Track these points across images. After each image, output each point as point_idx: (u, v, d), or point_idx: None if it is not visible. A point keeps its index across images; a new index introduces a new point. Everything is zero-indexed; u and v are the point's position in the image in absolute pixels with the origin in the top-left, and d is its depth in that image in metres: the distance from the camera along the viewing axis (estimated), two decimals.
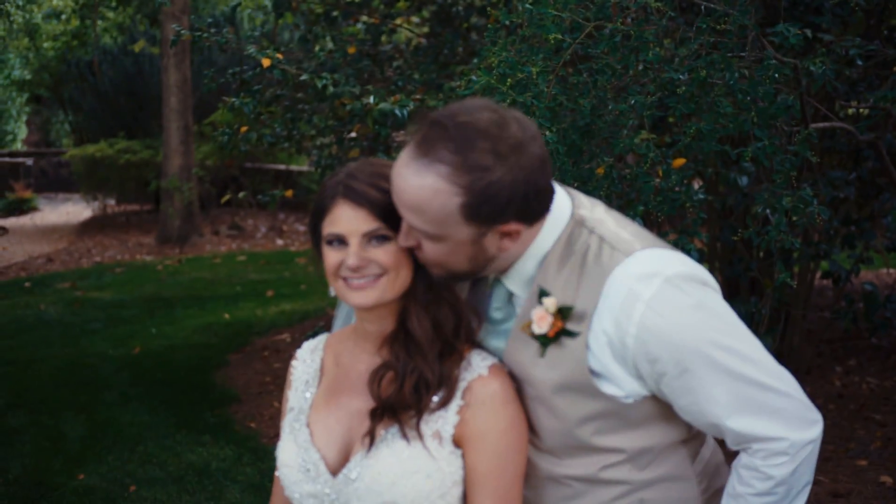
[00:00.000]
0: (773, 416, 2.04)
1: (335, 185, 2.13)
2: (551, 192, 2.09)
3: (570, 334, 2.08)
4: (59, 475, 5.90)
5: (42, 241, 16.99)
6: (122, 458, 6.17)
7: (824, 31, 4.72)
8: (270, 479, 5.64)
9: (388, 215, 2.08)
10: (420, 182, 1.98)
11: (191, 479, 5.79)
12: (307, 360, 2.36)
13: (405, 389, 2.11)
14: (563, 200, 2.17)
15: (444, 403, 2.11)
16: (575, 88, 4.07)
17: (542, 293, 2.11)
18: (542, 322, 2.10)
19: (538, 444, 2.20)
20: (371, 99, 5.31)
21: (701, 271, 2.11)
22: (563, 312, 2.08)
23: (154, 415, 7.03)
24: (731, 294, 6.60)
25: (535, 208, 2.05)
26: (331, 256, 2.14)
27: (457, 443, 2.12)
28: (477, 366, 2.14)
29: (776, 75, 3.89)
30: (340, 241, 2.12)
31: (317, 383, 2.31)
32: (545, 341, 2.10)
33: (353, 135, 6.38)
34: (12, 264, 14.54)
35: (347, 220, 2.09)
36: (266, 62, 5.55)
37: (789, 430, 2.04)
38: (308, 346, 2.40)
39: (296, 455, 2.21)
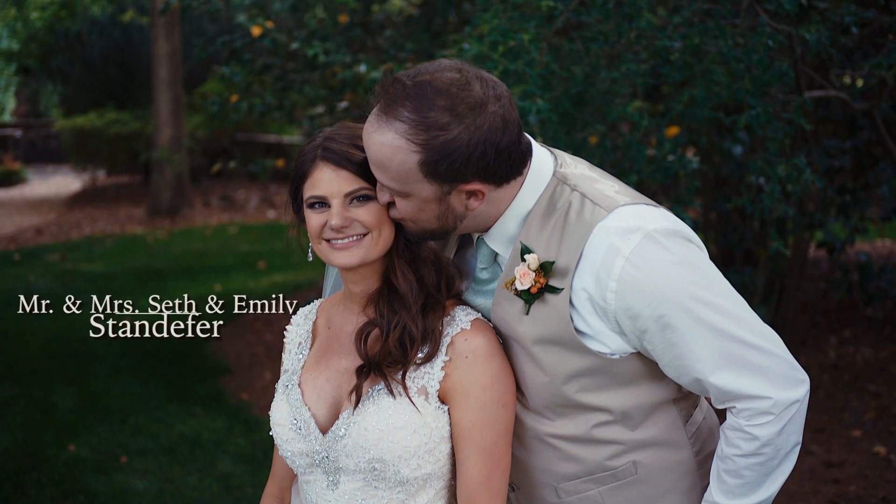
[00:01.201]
0: (756, 373, 2.04)
1: (314, 148, 2.15)
2: (518, 152, 2.08)
3: (553, 290, 2.08)
4: (50, 446, 5.89)
5: (31, 213, 16.91)
6: (114, 429, 6.15)
7: None
8: (262, 450, 5.64)
9: (369, 175, 2.10)
10: (381, 139, 2.02)
11: (182, 450, 5.78)
12: (301, 323, 2.40)
13: (390, 343, 2.13)
14: (546, 160, 2.17)
15: (428, 358, 2.13)
16: (567, 56, 4.03)
17: (525, 250, 2.11)
18: (524, 278, 2.10)
19: (527, 403, 2.19)
20: (362, 68, 5.27)
21: (685, 228, 2.11)
22: (544, 268, 2.09)
23: (145, 386, 7.01)
24: (726, 264, 6.59)
25: (497, 168, 2.05)
26: (313, 219, 2.16)
27: (442, 399, 2.14)
28: (460, 320, 2.15)
29: (770, 42, 3.85)
30: (322, 203, 2.14)
31: (309, 345, 2.34)
32: (529, 298, 2.11)
33: (345, 104, 6.34)
34: (1, 237, 14.48)
35: (328, 181, 2.12)
36: (256, 31, 5.50)
37: (773, 389, 2.04)
38: (303, 311, 2.43)
39: (288, 414, 2.24)
